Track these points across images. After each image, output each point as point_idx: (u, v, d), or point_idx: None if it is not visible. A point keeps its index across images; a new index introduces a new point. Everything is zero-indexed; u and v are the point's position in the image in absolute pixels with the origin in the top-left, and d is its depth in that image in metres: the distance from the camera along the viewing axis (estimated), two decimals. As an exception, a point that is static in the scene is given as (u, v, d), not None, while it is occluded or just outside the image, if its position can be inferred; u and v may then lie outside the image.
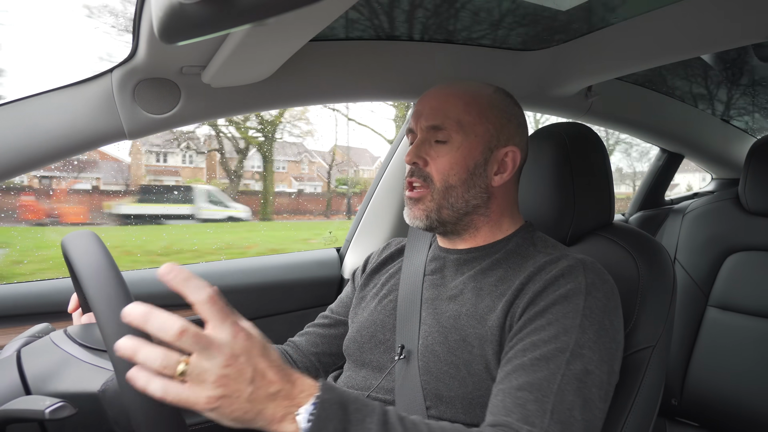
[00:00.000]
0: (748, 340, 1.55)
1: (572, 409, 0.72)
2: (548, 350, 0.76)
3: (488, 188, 0.94)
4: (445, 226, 0.96)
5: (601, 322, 0.80)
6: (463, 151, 0.92)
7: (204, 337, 0.56)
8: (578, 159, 1.06)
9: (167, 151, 5.89)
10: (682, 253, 1.75)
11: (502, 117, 0.94)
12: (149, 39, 0.93)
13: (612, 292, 0.85)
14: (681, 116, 1.97)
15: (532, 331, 0.79)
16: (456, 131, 0.92)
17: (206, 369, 0.56)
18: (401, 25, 1.23)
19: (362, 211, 1.68)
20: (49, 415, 0.60)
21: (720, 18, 1.10)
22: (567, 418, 0.71)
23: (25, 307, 1.23)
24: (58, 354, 0.72)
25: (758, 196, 1.60)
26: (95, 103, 1.05)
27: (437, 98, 0.95)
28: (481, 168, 0.93)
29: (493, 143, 0.93)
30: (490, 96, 0.95)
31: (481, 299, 0.89)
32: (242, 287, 1.49)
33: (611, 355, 0.80)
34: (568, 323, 0.78)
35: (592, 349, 0.77)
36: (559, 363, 0.75)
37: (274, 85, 1.18)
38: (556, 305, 0.81)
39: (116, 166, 5.49)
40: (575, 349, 0.76)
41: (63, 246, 0.70)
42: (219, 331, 0.57)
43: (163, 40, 0.48)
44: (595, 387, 0.75)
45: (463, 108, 0.92)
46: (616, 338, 0.82)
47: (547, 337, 0.78)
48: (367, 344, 0.98)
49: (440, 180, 0.92)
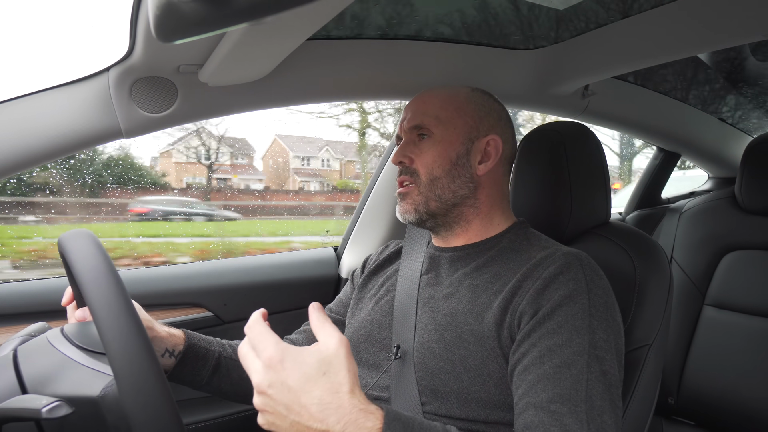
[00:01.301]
0: (744, 339, 1.56)
1: (602, 414, 0.74)
2: (567, 356, 0.77)
3: (473, 177, 0.97)
4: (435, 218, 0.98)
5: (606, 319, 0.82)
6: (444, 144, 0.96)
7: (282, 392, 0.60)
8: (575, 158, 1.07)
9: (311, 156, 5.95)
10: (679, 251, 1.75)
11: (479, 110, 0.99)
12: (146, 37, 0.93)
13: (608, 287, 0.86)
14: (678, 115, 1.97)
15: (544, 336, 0.79)
16: (435, 126, 0.97)
17: (267, 403, 0.61)
18: (398, 24, 1.23)
19: (359, 211, 1.68)
20: (46, 414, 0.59)
21: (717, 17, 1.10)
22: (600, 425, 0.73)
23: (21, 306, 1.23)
24: (56, 356, 0.72)
25: (754, 195, 1.60)
26: (92, 102, 1.05)
27: (417, 102, 1.02)
28: (464, 158, 0.97)
29: (473, 134, 0.98)
30: (467, 93, 1.01)
31: (477, 296, 0.89)
32: (239, 286, 1.48)
33: (620, 351, 0.83)
34: (578, 324, 0.79)
35: (604, 349, 0.79)
36: (580, 368, 0.76)
37: (271, 84, 1.18)
38: (562, 306, 0.81)
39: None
40: (591, 350, 0.78)
41: (60, 245, 0.70)
42: (257, 356, 0.62)
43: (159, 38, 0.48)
44: (614, 387, 0.78)
45: (440, 105, 0.98)
46: (620, 333, 0.85)
47: (562, 341, 0.78)
48: (364, 343, 0.99)
49: (425, 173, 0.96)
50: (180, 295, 1.39)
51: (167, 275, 1.43)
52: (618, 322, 0.85)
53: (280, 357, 0.60)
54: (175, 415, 0.56)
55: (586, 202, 1.08)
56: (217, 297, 1.43)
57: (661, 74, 1.72)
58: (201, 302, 1.41)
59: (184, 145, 4.60)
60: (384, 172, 1.62)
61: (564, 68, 1.44)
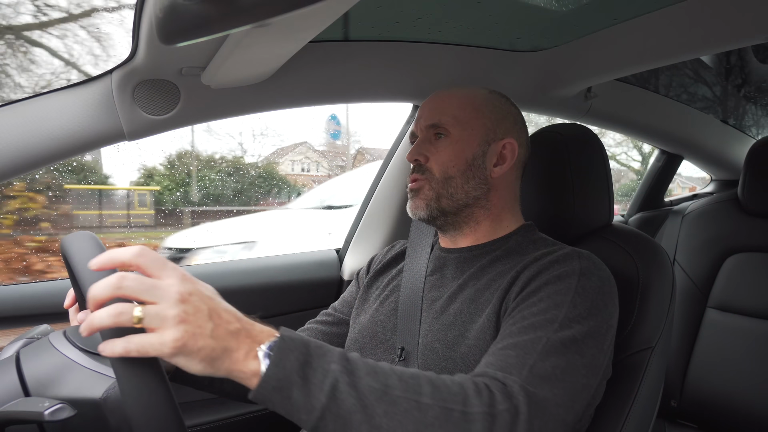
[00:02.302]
0: (747, 342, 1.55)
1: (555, 368, 0.71)
2: (537, 320, 0.77)
3: (488, 180, 0.97)
4: (446, 216, 0.97)
5: (593, 300, 0.80)
6: (461, 144, 0.96)
7: (147, 280, 0.55)
8: (578, 160, 1.06)
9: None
10: (682, 254, 1.75)
11: (497, 113, 0.99)
12: (149, 40, 0.93)
13: (608, 280, 0.85)
14: (680, 117, 1.97)
15: (524, 308, 0.80)
16: (453, 126, 0.96)
17: (162, 309, 0.54)
18: (402, 27, 1.23)
19: (362, 213, 1.67)
20: (49, 417, 0.60)
21: (719, 19, 1.10)
22: (547, 374, 0.70)
23: (24, 308, 1.23)
24: (58, 358, 0.72)
25: (757, 197, 1.60)
26: (95, 105, 1.05)
27: (435, 100, 1.01)
28: (480, 160, 0.96)
29: (490, 136, 0.97)
30: (485, 95, 1.00)
31: (481, 294, 0.89)
32: (241, 288, 1.48)
33: (601, 335, 0.79)
34: (560, 299, 0.79)
35: (581, 324, 0.77)
36: (546, 330, 0.75)
37: (274, 86, 1.18)
38: (549, 285, 0.81)
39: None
40: (564, 321, 0.76)
41: (62, 247, 0.70)
42: (162, 274, 0.57)
43: (162, 41, 0.48)
44: (580, 355, 0.74)
45: (459, 105, 0.97)
46: (608, 321, 0.81)
47: (537, 311, 0.78)
48: (368, 344, 0.98)
49: (440, 171, 0.96)
50: None
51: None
52: (610, 310, 0.82)
53: (188, 273, 0.59)
54: (177, 417, 0.56)
55: (589, 205, 1.08)
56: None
57: (663, 76, 1.72)
58: (203, 304, 1.41)
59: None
60: (386, 174, 1.61)
61: (567, 70, 1.43)
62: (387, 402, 0.60)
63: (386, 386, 0.62)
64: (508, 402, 0.65)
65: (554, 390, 0.70)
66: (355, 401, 0.59)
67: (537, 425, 0.66)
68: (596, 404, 0.89)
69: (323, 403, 0.58)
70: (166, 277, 0.56)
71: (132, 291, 0.54)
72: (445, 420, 0.62)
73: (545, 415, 0.67)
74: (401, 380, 0.63)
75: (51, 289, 1.27)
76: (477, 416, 0.63)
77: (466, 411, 0.63)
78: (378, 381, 0.62)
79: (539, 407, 0.67)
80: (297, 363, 0.58)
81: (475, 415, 0.63)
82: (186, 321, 0.55)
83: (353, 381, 0.60)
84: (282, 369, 0.57)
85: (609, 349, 0.82)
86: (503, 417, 0.64)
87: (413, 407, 0.61)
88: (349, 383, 0.59)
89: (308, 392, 0.58)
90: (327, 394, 0.58)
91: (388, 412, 0.60)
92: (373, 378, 0.62)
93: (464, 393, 0.65)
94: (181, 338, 0.54)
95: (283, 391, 0.57)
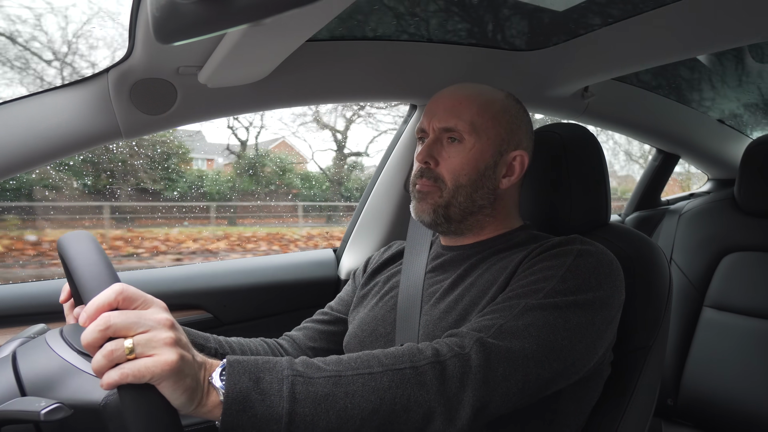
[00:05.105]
0: (743, 340, 1.56)
1: (529, 326, 0.73)
2: (522, 291, 0.78)
3: (495, 190, 0.96)
4: (450, 223, 0.97)
5: (585, 279, 0.79)
6: (475, 153, 0.93)
7: (132, 312, 0.57)
8: (574, 160, 1.06)
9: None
10: (678, 253, 1.75)
11: (513, 122, 0.96)
12: (145, 39, 0.93)
13: (608, 264, 0.83)
14: (677, 117, 1.97)
15: (515, 281, 0.82)
16: (469, 133, 0.93)
17: (154, 334, 0.56)
18: (397, 26, 1.23)
19: (359, 213, 1.67)
20: (45, 417, 0.59)
21: (716, 19, 1.10)
22: (518, 330, 0.72)
23: (20, 307, 1.23)
24: (56, 361, 0.71)
25: (753, 197, 1.60)
26: (92, 104, 1.05)
27: (451, 99, 0.96)
28: (491, 170, 0.95)
29: (503, 147, 0.95)
30: (502, 101, 0.97)
31: (483, 279, 0.90)
32: (238, 288, 1.48)
33: (593, 309, 0.78)
34: (550, 273, 0.79)
35: (566, 296, 0.76)
36: (529, 298, 0.76)
37: (271, 85, 1.17)
38: (543, 261, 0.83)
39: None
40: (550, 293, 0.77)
41: (59, 246, 0.70)
42: (144, 305, 0.59)
43: (159, 40, 0.48)
44: (563, 320, 0.74)
45: (477, 111, 0.94)
46: (603, 300, 0.79)
47: (526, 283, 0.80)
48: (368, 338, 0.98)
49: (451, 179, 0.94)
50: (179, 296, 1.39)
51: (167, 276, 1.43)
52: (605, 289, 0.80)
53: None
54: (176, 423, 0.56)
55: (586, 204, 1.08)
56: (217, 298, 1.42)
57: (660, 76, 1.72)
58: (200, 304, 1.41)
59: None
60: (383, 174, 1.61)
61: (563, 70, 1.44)
62: (344, 384, 0.64)
63: (339, 372, 0.65)
64: (457, 349, 0.69)
65: (523, 343, 0.72)
66: (315, 395, 0.62)
67: (501, 372, 0.69)
68: (593, 401, 0.89)
69: (287, 408, 0.60)
70: (149, 307, 0.59)
71: (121, 326, 0.56)
72: (400, 380, 0.65)
73: (512, 364, 0.70)
74: (352, 362, 0.67)
75: (47, 288, 1.27)
76: (425, 368, 0.67)
77: (415, 366, 0.67)
78: (330, 370, 0.65)
79: (501, 356, 0.70)
80: (251, 381, 0.60)
81: (424, 367, 0.67)
82: (178, 345, 0.57)
83: (307, 379, 0.63)
84: (239, 391, 0.59)
85: (604, 327, 0.80)
86: (452, 363, 0.68)
87: (368, 380, 0.65)
88: (305, 382, 0.62)
89: (270, 404, 0.60)
90: (287, 398, 0.60)
91: (348, 392, 0.63)
92: (324, 370, 0.65)
93: (412, 353, 0.69)
94: (176, 360, 0.56)
95: (247, 411, 0.59)
